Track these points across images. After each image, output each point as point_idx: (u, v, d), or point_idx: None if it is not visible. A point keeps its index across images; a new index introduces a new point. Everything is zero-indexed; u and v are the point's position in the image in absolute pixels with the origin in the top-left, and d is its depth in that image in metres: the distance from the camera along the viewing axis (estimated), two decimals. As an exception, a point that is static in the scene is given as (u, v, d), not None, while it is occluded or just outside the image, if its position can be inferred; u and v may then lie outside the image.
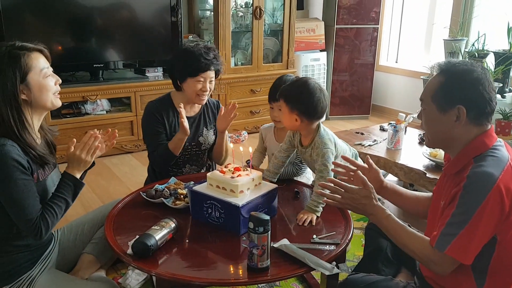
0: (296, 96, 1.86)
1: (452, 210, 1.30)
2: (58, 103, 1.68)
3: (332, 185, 1.52)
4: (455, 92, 1.34)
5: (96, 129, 1.76)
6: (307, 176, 2.45)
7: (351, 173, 1.75)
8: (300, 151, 2.02)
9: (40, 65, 1.60)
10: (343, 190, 1.49)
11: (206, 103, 2.40)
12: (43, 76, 1.61)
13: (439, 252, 1.29)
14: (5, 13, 3.35)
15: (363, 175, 1.52)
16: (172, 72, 2.32)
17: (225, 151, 2.39)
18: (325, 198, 1.53)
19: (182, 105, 2.16)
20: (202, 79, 2.22)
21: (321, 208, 1.77)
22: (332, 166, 1.85)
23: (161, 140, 2.28)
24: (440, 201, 1.44)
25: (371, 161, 1.75)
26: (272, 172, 2.07)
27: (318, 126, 1.92)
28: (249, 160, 1.99)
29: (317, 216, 1.77)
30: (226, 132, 2.34)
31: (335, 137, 1.99)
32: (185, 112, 2.31)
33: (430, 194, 1.71)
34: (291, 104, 1.86)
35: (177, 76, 2.27)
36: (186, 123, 2.13)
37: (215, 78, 2.31)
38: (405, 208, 1.75)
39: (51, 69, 1.66)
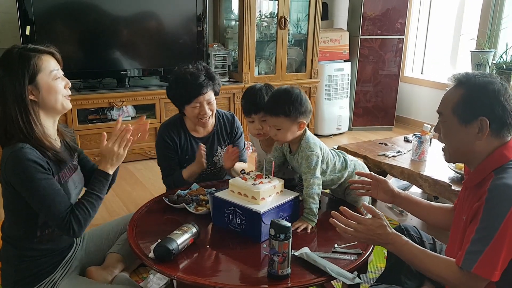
0: (295, 103, 1.82)
1: (476, 225, 1.27)
2: (68, 106, 1.68)
3: (343, 217, 1.46)
4: (477, 104, 1.33)
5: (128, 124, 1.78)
6: None
7: (357, 184, 1.79)
8: (289, 158, 1.98)
9: (50, 67, 1.61)
10: (355, 223, 1.43)
11: (219, 119, 2.38)
12: (53, 78, 1.61)
13: (467, 271, 1.26)
14: (37, 21, 3.45)
15: (371, 206, 1.47)
16: (172, 102, 2.29)
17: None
18: (338, 229, 1.45)
19: (203, 147, 2.18)
20: (198, 104, 2.18)
21: (315, 218, 1.76)
22: (318, 171, 1.83)
23: (173, 165, 2.29)
24: (461, 216, 1.41)
25: (374, 174, 1.74)
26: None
27: (305, 130, 1.90)
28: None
29: (312, 226, 1.75)
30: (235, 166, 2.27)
31: (321, 142, 1.96)
32: (197, 133, 2.33)
33: (448, 205, 1.69)
34: (295, 113, 1.82)
35: (176, 105, 2.28)
36: (204, 159, 2.16)
37: (216, 96, 2.26)
38: (422, 217, 1.73)
39: (61, 72, 1.67)
